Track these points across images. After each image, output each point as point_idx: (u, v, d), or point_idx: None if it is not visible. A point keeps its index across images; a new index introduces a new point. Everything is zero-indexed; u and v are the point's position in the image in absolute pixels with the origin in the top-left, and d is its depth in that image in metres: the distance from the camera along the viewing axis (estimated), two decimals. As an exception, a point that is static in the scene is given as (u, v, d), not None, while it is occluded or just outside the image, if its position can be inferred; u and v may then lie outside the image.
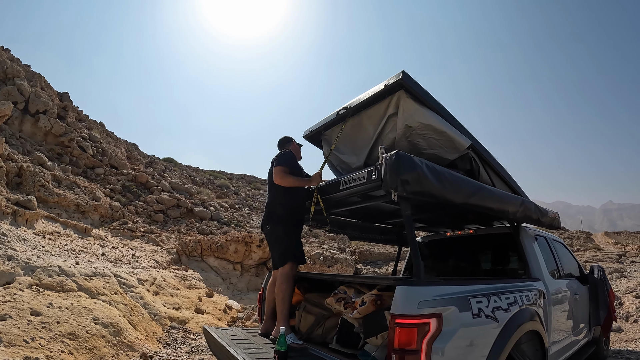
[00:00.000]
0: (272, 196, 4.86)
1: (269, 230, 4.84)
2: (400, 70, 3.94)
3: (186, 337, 7.15)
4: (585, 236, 24.62)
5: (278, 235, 4.72)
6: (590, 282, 6.12)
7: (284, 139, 5.21)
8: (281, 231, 4.70)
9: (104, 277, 7.44)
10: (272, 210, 4.80)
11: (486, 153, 4.55)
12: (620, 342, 7.83)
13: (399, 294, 2.81)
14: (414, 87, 3.98)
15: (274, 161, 4.81)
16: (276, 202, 4.77)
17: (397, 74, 3.93)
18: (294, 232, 4.78)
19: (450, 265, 6.40)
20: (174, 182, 19.79)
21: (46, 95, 16.91)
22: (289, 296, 4.49)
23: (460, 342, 2.94)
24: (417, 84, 4.02)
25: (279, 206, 4.73)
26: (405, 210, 3.17)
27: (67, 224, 10.62)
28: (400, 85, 4.00)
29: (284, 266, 4.57)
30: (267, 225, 4.83)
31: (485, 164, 4.59)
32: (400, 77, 3.88)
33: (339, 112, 4.70)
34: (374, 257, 16.29)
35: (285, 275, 4.52)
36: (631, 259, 15.89)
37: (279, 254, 4.69)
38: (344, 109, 4.62)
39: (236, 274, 12.16)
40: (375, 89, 4.21)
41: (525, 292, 3.94)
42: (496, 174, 4.77)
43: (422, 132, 4.11)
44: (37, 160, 13.21)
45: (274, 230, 4.77)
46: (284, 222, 4.69)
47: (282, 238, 4.69)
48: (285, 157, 4.82)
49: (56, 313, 5.69)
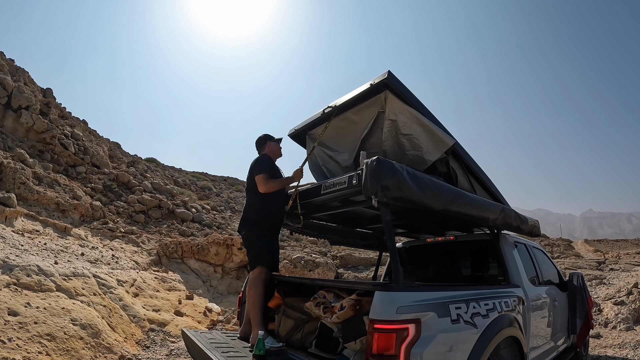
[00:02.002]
0: (248, 200, 4.86)
1: (244, 234, 4.86)
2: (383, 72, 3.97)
3: (165, 340, 7.08)
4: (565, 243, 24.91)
5: (251, 239, 4.73)
6: (569, 289, 6.17)
7: (261, 139, 5.13)
8: (254, 235, 4.70)
9: (83, 278, 7.33)
10: (247, 215, 4.81)
11: (467, 156, 4.58)
12: (600, 347, 7.92)
13: (378, 299, 2.81)
14: (399, 87, 4.00)
15: (253, 169, 4.77)
16: (251, 207, 4.77)
17: (382, 74, 3.94)
18: (267, 236, 4.74)
19: (431, 271, 6.41)
20: (156, 183, 19.66)
21: (29, 91, 16.69)
22: (258, 301, 4.49)
23: (439, 348, 2.94)
24: (402, 84, 4.04)
25: (253, 211, 4.74)
26: (385, 216, 3.17)
27: (47, 222, 10.49)
28: (385, 85, 4.02)
29: (253, 270, 4.62)
30: (243, 229, 4.85)
31: (466, 168, 4.61)
32: (386, 77, 3.90)
33: (325, 111, 4.69)
34: (355, 262, 16.29)
35: (253, 279, 4.58)
36: (610, 267, 16.10)
37: (250, 258, 4.74)
38: (330, 107, 4.62)
39: (217, 277, 12.08)
40: (361, 88, 4.21)
41: (505, 299, 3.96)
42: (476, 179, 4.79)
43: (407, 133, 4.14)
44: (18, 157, 13.05)
45: (248, 235, 4.79)
46: (258, 226, 4.69)
47: (255, 242, 4.70)
48: (262, 163, 4.79)
49: (34, 313, 5.60)
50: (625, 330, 8.92)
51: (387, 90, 4.10)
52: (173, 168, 30.22)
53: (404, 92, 4.05)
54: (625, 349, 7.67)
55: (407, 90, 4.08)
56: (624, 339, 8.34)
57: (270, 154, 4.99)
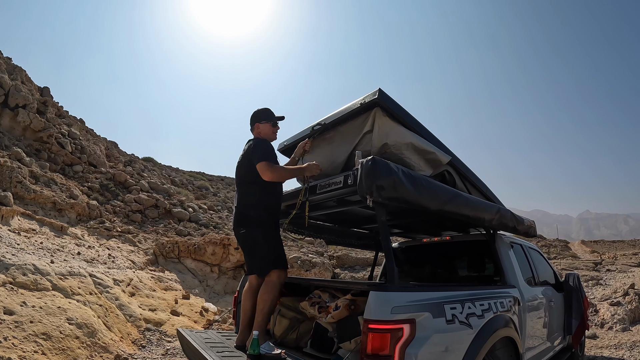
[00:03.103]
0: (244, 194, 4.26)
1: (243, 233, 4.19)
2: (376, 87, 3.86)
3: (161, 340, 7.07)
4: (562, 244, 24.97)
5: (256, 240, 4.11)
6: (565, 289, 6.18)
7: (259, 115, 4.45)
8: (260, 236, 4.10)
9: (79, 277, 7.32)
10: (245, 211, 4.19)
11: (463, 167, 4.55)
12: (596, 348, 7.94)
13: (372, 299, 2.80)
14: (391, 105, 3.89)
15: (251, 154, 4.14)
16: (249, 202, 4.18)
17: (373, 92, 3.81)
18: (274, 236, 4.20)
19: (427, 271, 6.42)
20: (153, 182, 19.66)
21: (26, 89, 16.66)
22: (271, 308, 4.05)
23: (434, 348, 2.94)
24: (394, 101, 3.91)
25: (252, 207, 4.14)
26: (380, 216, 3.16)
27: (44, 221, 10.47)
28: (376, 104, 3.89)
29: (269, 274, 4.05)
30: (241, 228, 4.19)
31: (463, 178, 4.60)
32: (377, 96, 3.77)
33: (314, 127, 4.57)
34: (352, 262, 16.29)
35: (271, 284, 4.03)
36: (607, 267, 16.14)
37: (258, 261, 4.17)
38: (319, 124, 4.49)
39: (213, 277, 12.07)
40: (351, 105, 4.07)
41: (500, 299, 3.96)
42: (473, 186, 4.77)
43: (397, 152, 4.06)
44: (15, 156, 13.03)
45: (250, 235, 4.14)
46: (263, 225, 4.12)
47: (262, 244, 4.10)
48: (265, 147, 4.17)
49: (30, 312, 5.59)
50: (622, 331, 8.93)
51: (378, 108, 3.96)
52: (170, 167, 30.23)
53: (395, 109, 3.94)
54: (622, 350, 7.68)
55: (400, 108, 3.97)
56: (620, 339, 8.36)
57: (266, 136, 4.42)
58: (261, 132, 4.39)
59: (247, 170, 4.17)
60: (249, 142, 4.37)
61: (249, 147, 4.26)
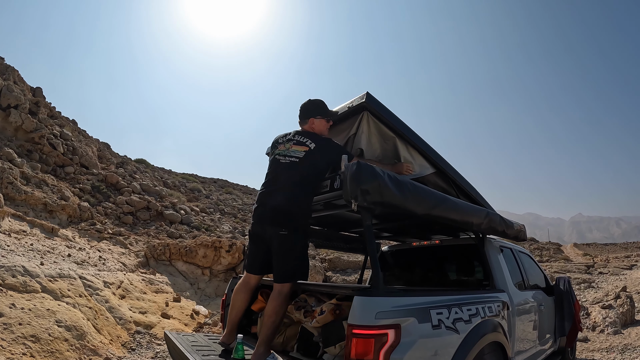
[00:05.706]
0: (296, 193, 3.69)
1: (284, 235, 3.65)
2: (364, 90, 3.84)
3: (151, 342, 7.03)
4: (554, 247, 25.06)
5: (295, 247, 3.70)
6: (555, 293, 6.19)
7: (315, 108, 4.02)
8: (300, 243, 3.75)
9: (69, 279, 7.27)
10: (294, 211, 3.66)
11: (452, 170, 4.50)
12: (587, 351, 7.95)
13: (357, 304, 2.79)
14: (378, 108, 3.83)
15: (329, 151, 3.78)
16: (302, 204, 3.70)
17: (361, 96, 3.74)
18: (306, 245, 3.87)
19: (416, 275, 6.41)
20: (145, 184, 19.59)
21: (19, 90, 16.55)
22: (281, 320, 3.74)
23: (419, 353, 2.93)
24: (382, 105, 3.84)
25: (302, 210, 3.70)
26: (365, 220, 3.13)
27: (34, 223, 10.39)
28: (363, 108, 3.87)
29: (284, 284, 3.66)
30: (283, 229, 3.65)
31: (452, 183, 4.59)
32: (364, 100, 3.70)
33: None
34: (344, 265, 16.30)
35: (284, 295, 3.65)
36: (599, 270, 16.20)
37: (288, 267, 3.70)
38: None
39: (204, 279, 12.02)
40: (340, 109, 4.01)
41: (488, 304, 3.96)
42: (462, 191, 4.76)
43: (381, 159, 4.05)
44: (6, 156, 12.96)
45: (290, 238, 3.66)
46: (306, 232, 3.84)
47: (298, 251, 3.74)
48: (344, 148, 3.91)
49: (19, 314, 5.54)
50: (613, 334, 8.96)
51: (365, 112, 3.96)
52: (162, 169, 30.18)
53: (383, 113, 3.87)
54: (613, 353, 7.70)
55: (388, 112, 3.89)
56: (611, 342, 8.38)
57: (320, 133, 4.00)
58: (315, 128, 3.98)
59: (313, 168, 3.77)
60: (304, 136, 3.93)
61: (321, 145, 3.82)
